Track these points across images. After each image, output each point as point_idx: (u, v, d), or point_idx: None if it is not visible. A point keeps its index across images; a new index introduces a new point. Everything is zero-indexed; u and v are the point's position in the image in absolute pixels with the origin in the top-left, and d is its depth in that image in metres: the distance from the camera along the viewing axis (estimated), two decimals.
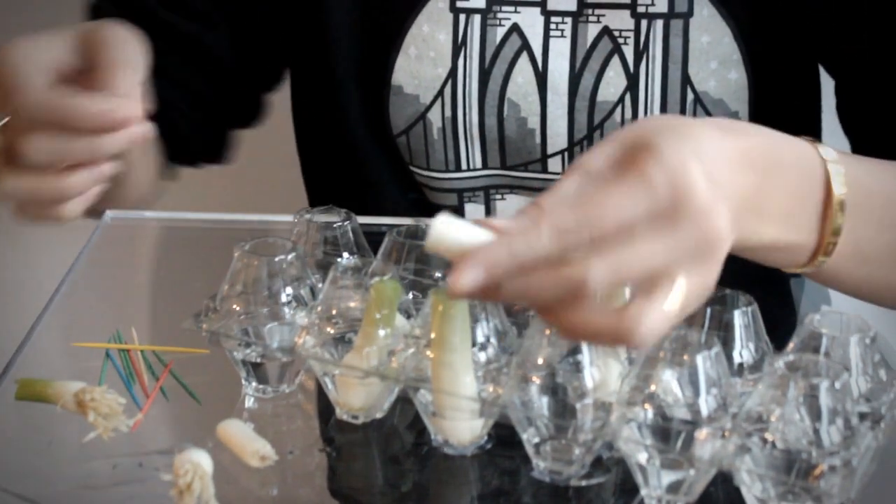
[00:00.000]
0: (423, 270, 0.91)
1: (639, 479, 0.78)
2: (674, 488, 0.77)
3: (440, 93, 1.11)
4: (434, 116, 1.12)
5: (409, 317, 0.87)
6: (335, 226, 0.96)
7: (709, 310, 0.83)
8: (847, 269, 0.86)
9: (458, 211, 1.16)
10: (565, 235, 0.66)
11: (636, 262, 0.67)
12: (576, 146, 1.12)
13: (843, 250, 0.84)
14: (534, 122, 1.12)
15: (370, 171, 1.18)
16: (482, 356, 0.81)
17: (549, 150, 1.13)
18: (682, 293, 0.68)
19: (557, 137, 1.12)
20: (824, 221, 0.82)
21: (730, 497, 0.78)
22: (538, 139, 1.12)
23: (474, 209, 1.17)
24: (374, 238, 0.96)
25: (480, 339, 0.81)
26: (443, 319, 0.79)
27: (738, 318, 0.82)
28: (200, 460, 0.75)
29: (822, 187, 0.82)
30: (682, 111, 1.10)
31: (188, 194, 1.75)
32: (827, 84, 1.18)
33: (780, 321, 0.88)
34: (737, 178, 0.75)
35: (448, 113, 1.11)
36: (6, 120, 0.83)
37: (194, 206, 1.16)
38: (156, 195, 1.19)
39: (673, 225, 0.68)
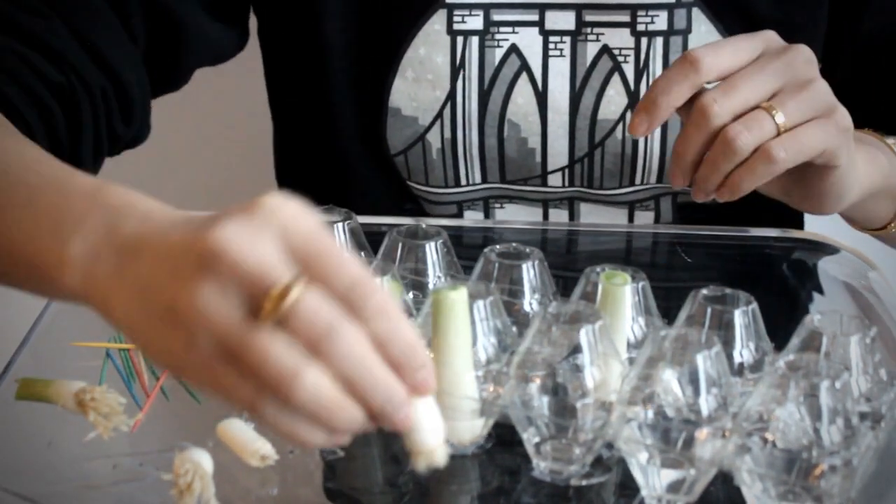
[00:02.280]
0: (423, 270, 0.91)
1: (639, 478, 0.78)
2: (674, 488, 0.77)
3: (439, 115, 1.11)
4: (433, 138, 1.11)
5: (409, 317, 0.87)
6: (335, 226, 0.96)
7: (709, 309, 0.83)
8: None
9: (457, 218, 1.16)
10: (689, 59, 0.90)
11: (740, 83, 0.90)
12: (576, 163, 1.13)
13: None
14: (534, 142, 1.12)
15: (365, 185, 1.17)
16: (482, 356, 0.81)
17: (550, 168, 1.13)
18: (784, 108, 0.89)
19: (558, 156, 1.12)
20: None
21: (730, 497, 0.78)
22: (538, 158, 1.12)
23: (473, 216, 1.17)
24: (374, 238, 0.96)
25: (480, 338, 0.81)
26: (443, 319, 0.79)
27: (739, 318, 0.82)
28: (201, 460, 0.75)
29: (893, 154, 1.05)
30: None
31: (189, 194, 1.75)
32: None
33: (780, 321, 0.88)
34: None
35: (447, 134, 1.11)
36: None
37: (194, 205, 1.15)
38: None
39: (763, 59, 0.92)
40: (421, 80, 1.10)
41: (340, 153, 1.16)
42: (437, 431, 0.68)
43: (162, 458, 0.80)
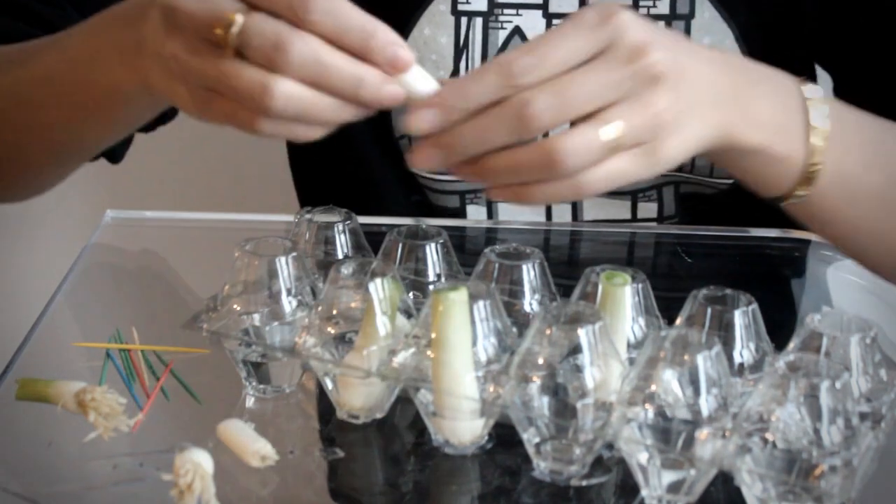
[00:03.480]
0: (423, 270, 0.91)
1: (639, 479, 0.78)
2: (674, 488, 0.77)
3: None
4: None
5: (409, 317, 0.87)
6: (335, 226, 0.96)
7: (709, 310, 0.83)
8: (834, 205, 0.90)
9: (461, 212, 1.16)
10: (507, 67, 0.73)
11: (577, 92, 0.73)
12: None
13: (828, 182, 0.88)
14: None
15: (372, 173, 1.17)
16: (482, 356, 0.81)
17: None
18: (620, 123, 0.74)
19: None
20: (808, 142, 0.87)
21: (730, 497, 0.78)
22: None
23: (476, 210, 1.17)
24: (374, 238, 0.96)
25: (480, 338, 0.81)
26: (443, 319, 0.79)
27: (739, 318, 0.82)
28: (201, 460, 0.75)
29: (802, 110, 0.87)
30: None
31: (188, 194, 1.75)
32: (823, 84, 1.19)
33: (780, 321, 0.88)
34: (710, 69, 0.81)
35: None
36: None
37: (194, 205, 1.16)
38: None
39: (609, 59, 0.74)
40: (425, 61, 1.10)
41: (348, 138, 1.16)
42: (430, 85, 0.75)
43: (162, 458, 0.80)
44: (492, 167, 0.76)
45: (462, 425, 0.82)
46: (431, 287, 0.90)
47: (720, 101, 0.82)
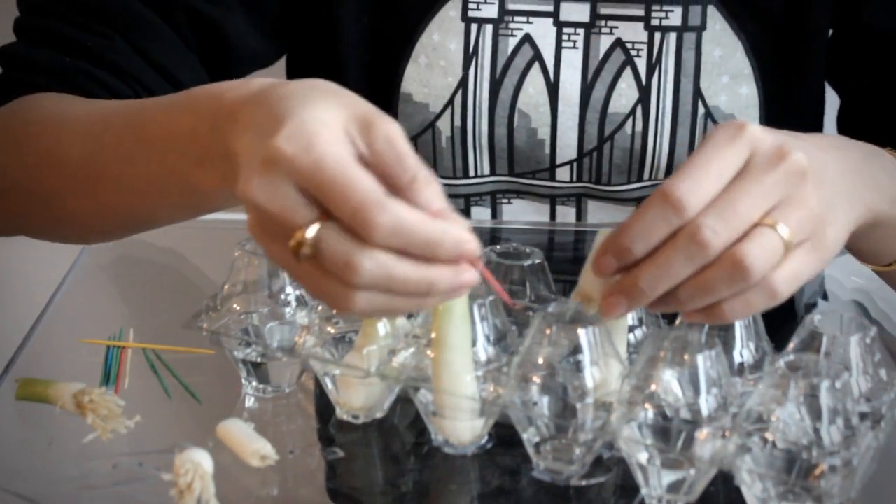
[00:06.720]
0: None
1: (639, 478, 0.78)
2: (674, 488, 0.77)
3: (450, 102, 1.11)
4: (443, 125, 1.12)
5: (409, 317, 0.87)
6: None
7: None
8: None
9: (464, 213, 1.17)
10: (669, 195, 0.73)
11: (742, 202, 0.73)
12: (585, 157, 1.13)
13: None
14: (544, 133, 1.12)
15: None
16: (482, 356, 0.81)
17: (559, 161, 1.13)
18: (789, 225, 0.74)
19: (567, 148, 1.12)
20: None
21: (730, 497, 0.78)
22: (547, 149, 1.12)
23: (480, 212, 1.17)
24: None
25: (480, 338, 0.81)
26: (443, 319, 0.79)
27: None
28: (201, 460, 0.75)
29: None
30: (693, 125, 1.11)
31: None
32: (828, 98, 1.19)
33: (780, 321, 0.88)
34: (832, 155, 0.81)
35: (458, 122, 1.11)
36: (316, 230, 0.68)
37: None
38: None
39: (760, 164, 0.74)
40: (434, 67, 1.10)
41: None
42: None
43: (162, 458, 0.80)
44: (687, 296, 0.75)
45: (462, 425, 0.82)
46: None
47: (855, 183, 0.83)
